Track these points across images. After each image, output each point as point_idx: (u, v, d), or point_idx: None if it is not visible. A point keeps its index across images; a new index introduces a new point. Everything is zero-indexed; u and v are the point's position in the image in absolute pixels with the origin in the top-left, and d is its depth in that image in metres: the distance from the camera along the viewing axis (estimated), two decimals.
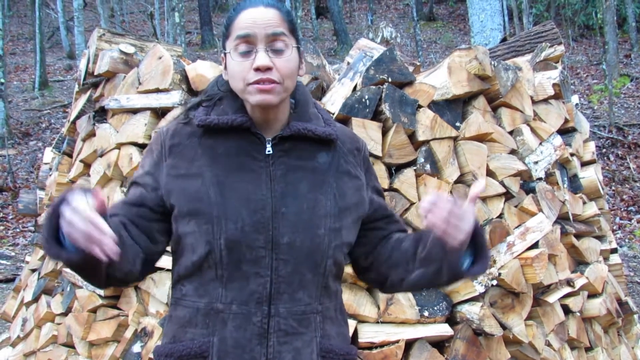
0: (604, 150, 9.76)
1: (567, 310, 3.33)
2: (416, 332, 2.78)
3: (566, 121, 3.64)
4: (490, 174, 3.09)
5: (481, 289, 2.88)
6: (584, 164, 3.87)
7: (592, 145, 4.01)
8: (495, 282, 2.94)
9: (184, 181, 1.45)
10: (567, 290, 3.31)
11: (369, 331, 2.73)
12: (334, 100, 2.91)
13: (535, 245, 3.12)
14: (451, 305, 2.90)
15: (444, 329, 2.82)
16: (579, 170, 3.75)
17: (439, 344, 2.87)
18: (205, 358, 1.42)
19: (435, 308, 2.83)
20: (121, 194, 3.18)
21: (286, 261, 1.42)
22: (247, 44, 1.41)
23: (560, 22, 16.19)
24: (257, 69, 1.39)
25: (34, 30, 14.13)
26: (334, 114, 2.82)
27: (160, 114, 3.14)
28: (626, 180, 9.13)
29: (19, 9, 21.69)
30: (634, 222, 8.08)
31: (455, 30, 18.52)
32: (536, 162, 3.31)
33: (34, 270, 3.99)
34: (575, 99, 4.05)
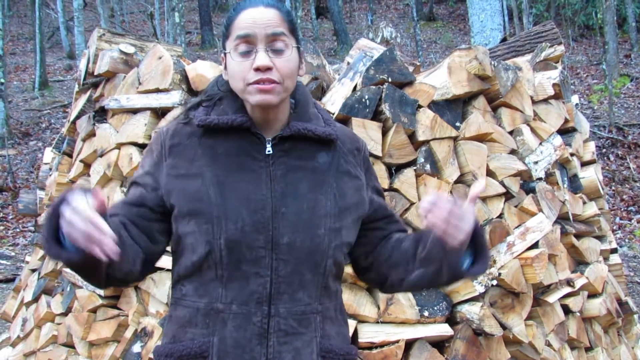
0: (604, 150, 9.76)
1: (567, 310, 3.33)
2: (416, 332, 2.78)
3: (566, 121, 3.64)
4: (490, 174, 3.09)
5: (481, 289, 2.88)
6: (584, 164, 3.87)
7: (592, 145, 4.01)
8: (495, 282, 2.94)
9: (184, 181, 1.45)
10: (567, 290, 3.31)
11: (369, 331, 2.73)
12: (334, 100, 2.91)
13: (535, 245, 3.12)
14: (451, 305, 2.90)
15: (444, 329, 2.82)
16: (579, 170, 3.75)
17: (439, 344, 2.87)
18: (205, 358, 1.42)
19: (435, 308, 2.83)
20: (121, 194, 3.18)
21: (286, 261, 1.42)
22: (247, 44, 1.41)
23: (560, 22, 16.19)
24: (257, 69, 1.39)
25: (34, 30, 14.13)
26: (334, 114, 2.82)
27: (160, 114, 3.14)
28: (626, 180, 9.13)
29: (19, 9, 21.69)
30: (634, 222, 8.08)
31: (455, 30, 18.52)
32: (536, 162, 3.31)
33: (34, 270, 3.98)
34: (575, 99, 4.05)
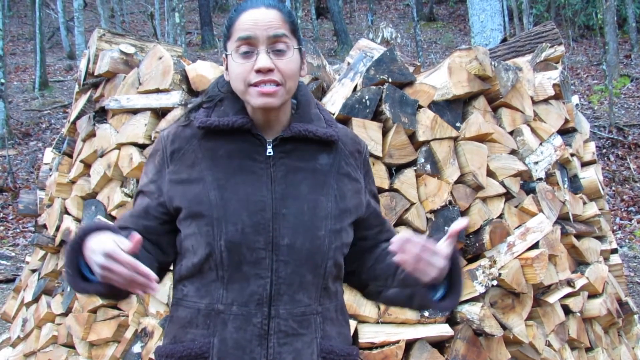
0: (604, 150, 9.76)
1: (567, 311, 3.33)
2: (416, 332, 2.78)
3: (566, 121, 3.64)
4: (490, 174, 3.09)
5: (481, 289, 2.88)
6: (584, 164, 3.87)
7: (592, 145, 4.01)
8: (495, 282, 2.93)
9: (186, 186, 1.45)
10: (567, 290, 3.31)
11: (369, 331, 2.73)
12: (334, 100, 2.91)
13: (535, 246, 3.12)
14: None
15: (444, 329, 2.82)
16: (579, 170, 3.75)
17: (439, 344, 2.87)
18: (205, 359, 1.42)
19: None
20: (121, 195, 3.18)
21: (286, 262, 1.42)
22: (248, 46, 1.40)
23: (560, 22, 16.18)
24: (259, 71, 1.39)
25: (34, 30, 14.12)
26: (334, 114, 2.82)
27: (160, 114, 3.14)
28: (626, 181, 9.13)
29: (19, 9, 21.70)
30: (634, 223, 8.08)
31: (455, 31, 18.52)
32: (536, 163, 3.31)
33: (34, 271, 3.98)
34: (575, 99, 4.05)
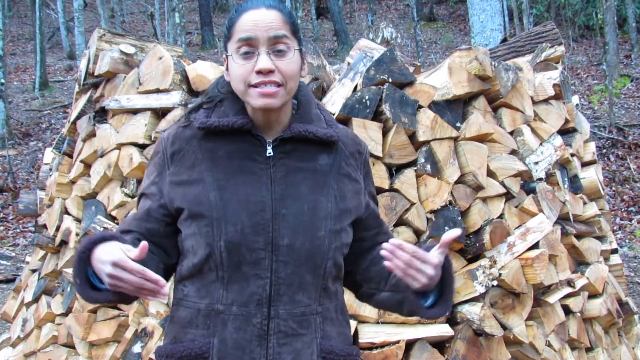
0: (604, 150, 9.76)
1: (567, 311, 3.33)
2: (417, 332, 2.78)
3: (566, 121, 3.64)
4: (490, 174, 3.09)
5: (482, 289, 2.88)
6: (584, 164, 3.87)
7: (592, 145, 4.01)
8: (495, 282, 2.93)
9: (186, 187, 1.46)
10: (567, 290, 3.31)
11: (370, 331, 2.73)
12: (335, 100, 2.91)
13: (535, 246, 3.12)
14: (452, 306, 2.90)
15: (444, 330, 2.82)
16: (580, 170, 3.75)
17: (440, 344, 2.87)
18: (205, 359, 1.42)
19: None
20: (121, 195, 3.18)
21: (286, 263, 1.42)
22: (249, 47, 1.40)
23: (560, 22, 16.18)
24: (259, 72, 1.39)
25: (34, 30, 14.12)
26: (334, 114, 2.82)
27: (160, 114, 3.14)
28: (626, 181, 9.13)
29: (19, 9, 21.70)
30: (634, 223, 8.07)
31: (455, 31, 18.52)
32: (537, 163, 3.31)
33: (34, 271, 3.98)
34: (575, 99, 4.04)
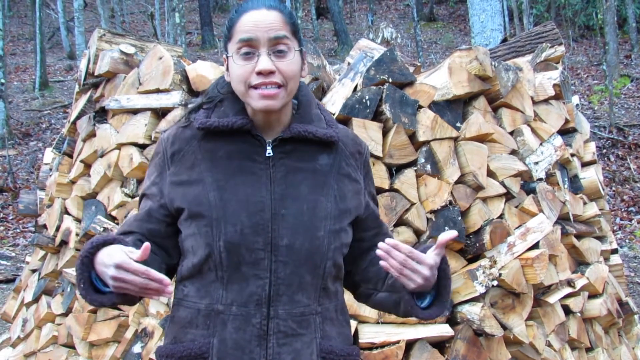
0: (604, 150, 9.76)
1: (567, 311, 3.33)
2: (417, 332, 2.78)
3: (567, 122, 3.64)
4: (490, 174, 3.09)
5: (482, 289, 2.88)
6: (584, 164, 3.87)
7: (592, 145, 4.01)
8: (495, 282, 2.93)
9: (186, 188, 1.46)
10: (567, 290, 3.31)
11: (370, 331, 2.73)
12: (335, 100, 2.91)
13: (535, 246, 3.12)
14: (452, 306, 2.90)
15: (444, 330, 2.82)
16: (580, 170, 3.74)
17: (440, 344, 2.87)
18: (205, 359, 1.42)
19: None
20: (121, 195, 3.18)
21: (285, 263, 1.42)
22: (249, 47, 1.40)
23: (560, 22, 16.17)
24: (260, 73, 1.39)
25: (35, 30, 14.12)
26: (334, 114, 2.82)
27: (160, 114, 3.14)
28: (626, 181, 9.13)
29: (19, 9, 21.70)
30: (634, 223, 8.07)
31: (455, 31, 18.52)
32: (537, 163, 3.31)
33: (34, 271, 3.98)
34: (575, 99, 4.04)
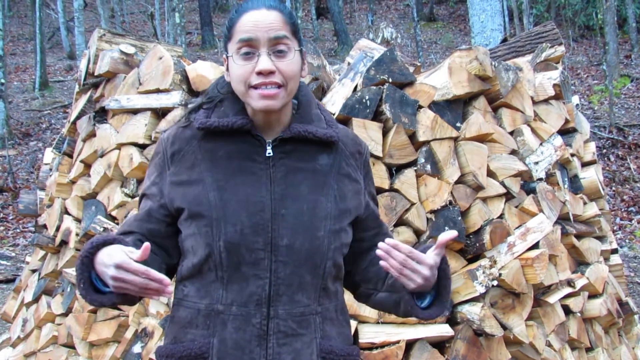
0: (604, 150, 9.76)
1: (567, 311, 3.33)
2: (417, 332, 2.78)
3: (567, 122, 3.64)
4: (490, 174, 3.09)
5: (482, 289, 2.88)
6: (584, 164, 3.87)
7: (592, 145, 4.01)
8: (495, 282, 2.93)
9: (186, 188, 1.46)
10: (567, 290, 3.31)
11: (370, 331, 2.73)
12: (335, 100, 2.91)
13: (535, 246, 3.12)
14: (452, 306, 2.90)
15: (444, 330, 2.82)
16: (580, 170, 3.74)
17: (440, 344, 2.87)
18: (205, 359, 1.42)
19: None
20: (121, 195, 3.18)
21: (285, 263, 1.42)
22: (249, 47, 1.41)
23: (560, 22, 16.17)
24: (260, 73, 1.39)
25: (35, 30, 14.12)
26: (334, 114, 2.82)
27: (160, 114, 3.14)
28: (626, 181, 9.13)
29: (19, 9, 21.70)
30: (634, 223, 8.07)
31: (455, 31, 18.52)
32: (537, 163, 3.31)
33: (34, 271, 3.98)
34: (575, 99, 4.04)
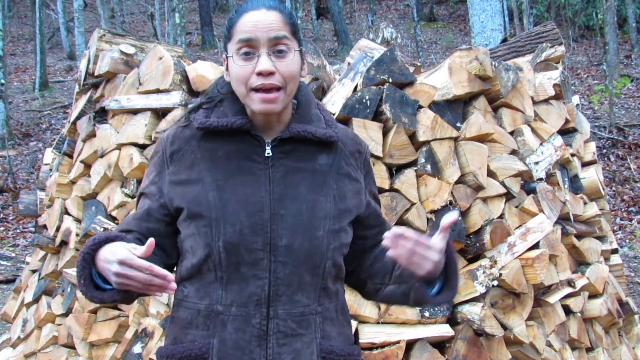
0: (604, 150, 9.76)
1: (567, 311, 3.33)
2: (417, 332, 2.78)
3: (567, 121, 3.64)
4: (491, 174, 3.09)
5: (482, 289, 2.88)
6: (584, 164, 3.87)
7: (592, 145, 4.01)
8: (496, 282, 2.93)
9: (185, 187, 1.46)
10: (567, 290, 3.30)
11: (370, 332, 2.73)
12: (335, 100, 2.91)
13: (536, 246, 3.12)
14: (452, 306, 2.90)
15: (444, 330, 2.82)
16: (580, 170, 3.74)
17: (440, 344, 2.86)
18: (205, 359, 1.42)
19: (436, 308, 2.83)
20: (122, 195, 3.18)
21: (284, 263, 1.42)
22: (249, 47, 1.40)
23: (560, 22, 16.17)
24: (260, 74, 1.39)
25: (34, 31, 14.12)
26: (334, 114, 2.82)
27: (160, 114, 3.14)
28: (627, 181, 9.13)
29: (19, 9, 21.70)
30: (634, 223, 8.07)
31: (455, 31, 18.52)
32: (537, 163, 3.30)
33: (34, 271, 3.98)
34: (575, 99, 4.04)
